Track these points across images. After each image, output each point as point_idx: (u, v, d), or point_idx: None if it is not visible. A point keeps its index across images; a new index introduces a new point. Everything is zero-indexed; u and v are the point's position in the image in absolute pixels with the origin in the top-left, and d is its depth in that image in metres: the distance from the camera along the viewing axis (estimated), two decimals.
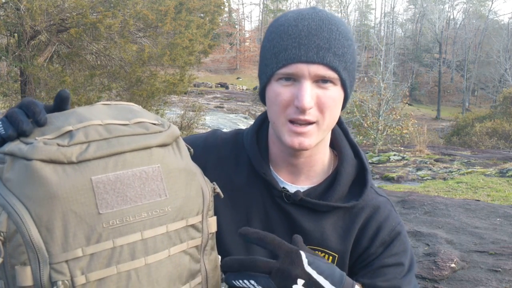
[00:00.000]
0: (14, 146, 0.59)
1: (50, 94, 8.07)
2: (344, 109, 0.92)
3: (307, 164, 0.94)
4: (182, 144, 0.73)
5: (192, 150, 0.76)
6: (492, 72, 42.52)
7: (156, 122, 0.70)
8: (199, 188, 0.72)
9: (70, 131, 0.61)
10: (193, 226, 0.70)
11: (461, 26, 50.12)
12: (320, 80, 0.82)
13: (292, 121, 0.84)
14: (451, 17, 54.65)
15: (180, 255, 0.68)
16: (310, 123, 0.84)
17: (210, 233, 0.75)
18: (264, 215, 0.94)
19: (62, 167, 0.58)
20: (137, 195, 0.63)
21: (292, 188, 0.94)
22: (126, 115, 0.69)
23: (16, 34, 8.01)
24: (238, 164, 0.99)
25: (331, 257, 0.92)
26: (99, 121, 0.64)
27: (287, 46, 0.82)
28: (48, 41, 8.22)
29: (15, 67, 8.20)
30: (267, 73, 0.86)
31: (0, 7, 7.55)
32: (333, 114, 0.86)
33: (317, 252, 0.92)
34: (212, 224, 0.75)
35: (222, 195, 0.78)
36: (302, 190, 0.93)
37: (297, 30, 0.82)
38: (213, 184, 0.77)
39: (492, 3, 62.82)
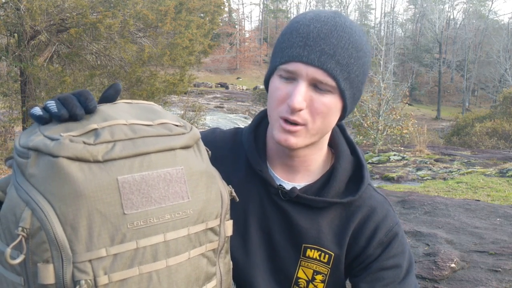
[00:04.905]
0: (38, 141, 0.58)
1: (50, 94, 8.07)
2: (343, 119, 0.91)
3: (303, 164, 0.94)
4: (202, 146, 0.73)
5: (210, 152, 0.76)
6: (492, 72, 42.47)
7: (178, 123, 0.70)
8: (218, 192, 0.72)
9: (96, 129, 0.61)
10: (211, 229, 0.70)
11: (461, 26, 50.08)
12: (317, 84, 0.81)
13: (283, 118, 0.84)
14: (451, 17, 54.63)
15: (198, 258, 0.68)
16: (298, 123, 0.83)
17: (226, 237, 0.75)
18: (261, 213, 0.94)
19: (88, 165, 0.58)
20: (161, 196, 0.62)
21: (288, 185, 0.94)
22: (148, 115, 0.69)
23: (16, 34, 8.00)
24: (236, 162, 0.99)
25: (327, 256, 0.92)
26: (123, 121, 0.63)
27: (293, 44, 0.82)
28: (48, 41, 8.22)
29: (15, 67, 8.20)
30: (272, 65, 0.87)
31: (0, 7, 7.55)
32: (326, 121, 0.85)
33: (313, 250, 0.92)
34: (228, 227, 0.75)
35: (237, 199, 0.78)
36: (298, 188, 0.93)
37: (307, 30, 0.81)
38: (230, 187, 0.77)
39: (492, 3, 62.90)
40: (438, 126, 30.73)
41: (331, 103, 0.83)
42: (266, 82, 0.91)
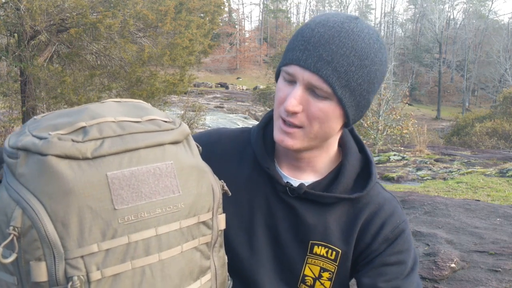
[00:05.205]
0: (27, 141, 0.59)
1: (50, 94, 8.08)
2: (349, 126, 0.90)
3: (308, 165, 0.95)
4: (192, 142, 0.74)
5: (200, 148, 0.77)
6: (492, 72, 42.48)
7: (167, 119, 0.71)
8: (209, 186, 0.73)
9: (84, 127, 0.61)
10: (204, 223, 0.71)
11: (461, 26, 50.10)
12: (314, 89, 0.81)
13: (282, 119, 0.85)
14: (451, 17, 54.64)
15: (192, 252, 0.69)
16: (295, 126, 0.84)
17: (219, 230, 0.75)
18: (267, 210, 0.94)
19: (77, 162, 0.58)
20: (151, 191, 0.63)
21: (296, 182, 0.94)
22: (137, 112, 0.69)
23: (16, 34, 8.00)
24: (242, 160, 0.99)
25: (334, 252, 0.91)
26: (112, 118, 0.64)
27: (295, 47, 0.83)
28: (48, 41, 8.21)
29: (15, 67, 8.19)
30: (278, 65, 0.88)
31: (0, 7, 7.55)
32: (324, 126, 0.84)
33: (320, 247, 0.92)
34: (221, 221, 0.76)
35: (229, 193, 0.78)
36: (306, 184, 0.93)
37: (311, 34, 0.81)
38: (222, 182, 0.78)
39: (492, 3, 62.94)
40: (438, 126, 30.75)
41: (328, 109, 0.82)
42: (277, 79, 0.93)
